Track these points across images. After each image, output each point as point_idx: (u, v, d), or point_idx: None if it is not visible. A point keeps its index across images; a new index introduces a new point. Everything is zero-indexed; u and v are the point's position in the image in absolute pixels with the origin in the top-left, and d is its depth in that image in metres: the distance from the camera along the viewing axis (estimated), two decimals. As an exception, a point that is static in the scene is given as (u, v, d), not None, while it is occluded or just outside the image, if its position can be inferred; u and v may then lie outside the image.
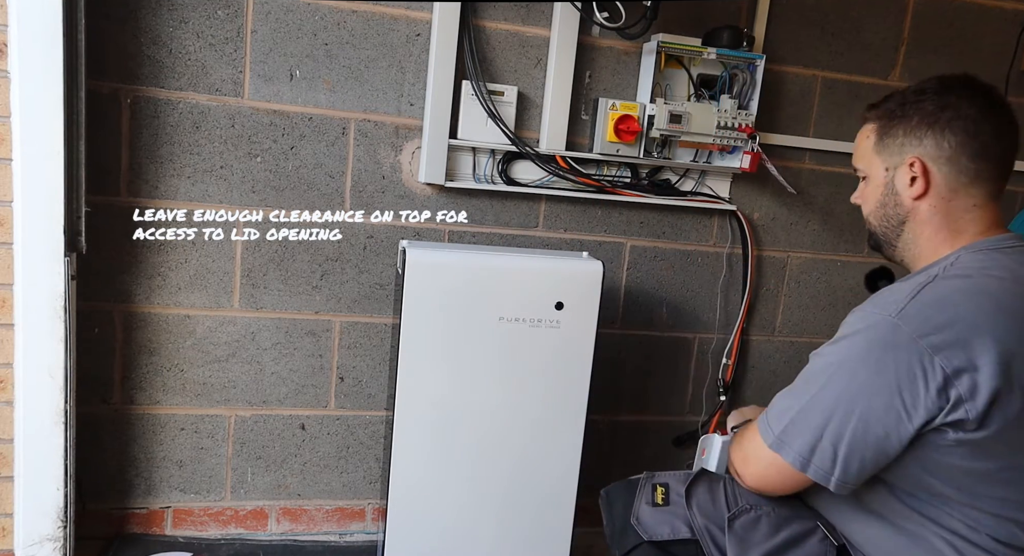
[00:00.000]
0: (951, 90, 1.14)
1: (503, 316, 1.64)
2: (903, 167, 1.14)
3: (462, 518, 1.71)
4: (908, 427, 1.01)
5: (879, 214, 1.19)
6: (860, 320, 1.08)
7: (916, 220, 1.15)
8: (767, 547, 1.17)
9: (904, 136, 1.14)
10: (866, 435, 1.03)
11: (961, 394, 0.99)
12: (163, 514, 1.90)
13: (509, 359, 1.66)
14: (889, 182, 1.17)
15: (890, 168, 1.17)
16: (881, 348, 1.02)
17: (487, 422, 1.69)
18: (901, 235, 1.18)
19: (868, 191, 1.21)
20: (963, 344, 1.00)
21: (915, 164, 1.13)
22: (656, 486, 1.29)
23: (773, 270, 2.19)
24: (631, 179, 2.00)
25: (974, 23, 2.17)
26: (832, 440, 1.05)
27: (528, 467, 1.72)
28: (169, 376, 1.84)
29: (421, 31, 1.82)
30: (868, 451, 1.04)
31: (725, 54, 1.89)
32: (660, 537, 1.24)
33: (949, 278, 1.07)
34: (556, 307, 1.63)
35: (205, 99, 1.74)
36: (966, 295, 1.04)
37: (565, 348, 1.68)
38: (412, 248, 1.62)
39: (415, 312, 1.61)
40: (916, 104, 1.14)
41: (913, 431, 1.01)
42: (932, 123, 1.12)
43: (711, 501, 1.24)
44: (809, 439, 1.07)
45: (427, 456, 1.67)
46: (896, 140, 1.15)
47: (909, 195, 1.14)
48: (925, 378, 1.00)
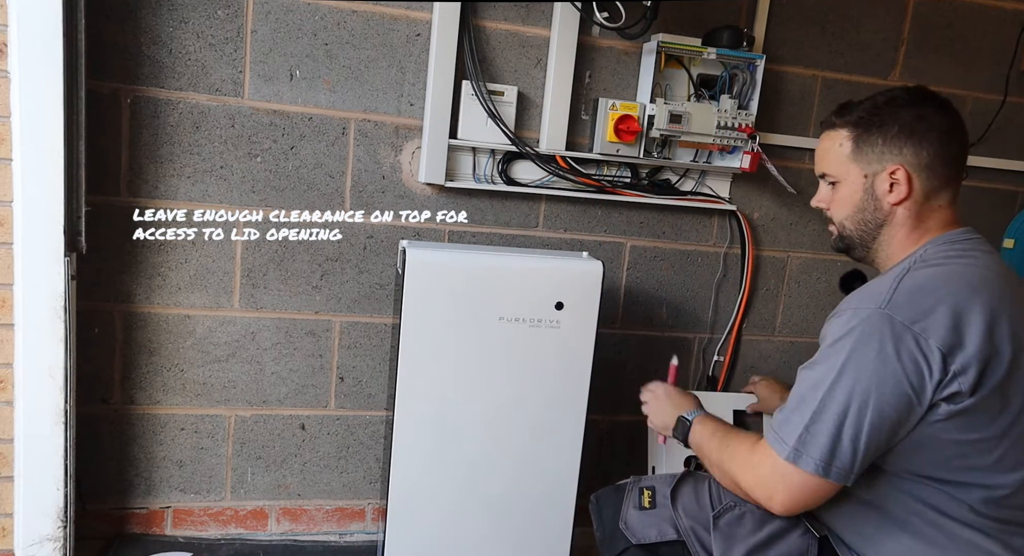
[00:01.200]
0: (924, 102, 1.21)
1: (503, 316, 1.63)
2: (883, 174, 1.20)
3: (462, 518, 1.71)
4: (919, 410, 1.06)
5: (857, 219, 1.24)
6: (850, 320, 1.11)
7: (892, 223, 1.22)
8: (751, 542, 1.19)
9: (884, 145, 1.20)
10: (882, 424, 1.06)
11: (956, 370, 1.05)
12: (163, 514, 1.90)
13: (509, 359, 1.66)
14: (868, 188, 1.22)
15: (869, 175, 1.22)
16: (880, 340, 1.06)
17: (487, 422, 1.68)
18: (877, 238, 1.24)
19: (841, 197, 1.26)
20: (950, 323, 1.06)
21: (897, 172, 1.18)
22: (643, 490, 1.33)
23: (773, 270, 2.19)
24: (631, 179, 2.00)
25: (974, 23, 2.17)
26: (852, 438, 1.07)
27: (528, 467, 1.72)
28: (169, 376, 1.84)
29: (421, 31, 1.82)
30: (883, 439, 1.08)
31: (725, 54, 1.89)
32: (648, 540, 1.28)
33: (921, 268, 1.14)
34: (556, 307, 1.63)
35: (205, 99, 1.74)
36: (942, 280, 1.11)
37: (565, 348, 1.68)
38: (412, 248, 1.62)
39: (415, 312, 1.61)
40: (892, 113, 1.20)
41: (923, 412, 1.06)
42: (911, 133, 1.18)
43: (696, 502, 1.27)
44: (829, 442, 1.08)
45: (427, 456, 1.67)
46: (875, 148, 1.20)
47: (889, 200, 1.20)
48: (927, 360, 1.05)
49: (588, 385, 1.70)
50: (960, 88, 2.20)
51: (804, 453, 1.08)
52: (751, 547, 1.19)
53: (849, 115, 1.24)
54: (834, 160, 1.26)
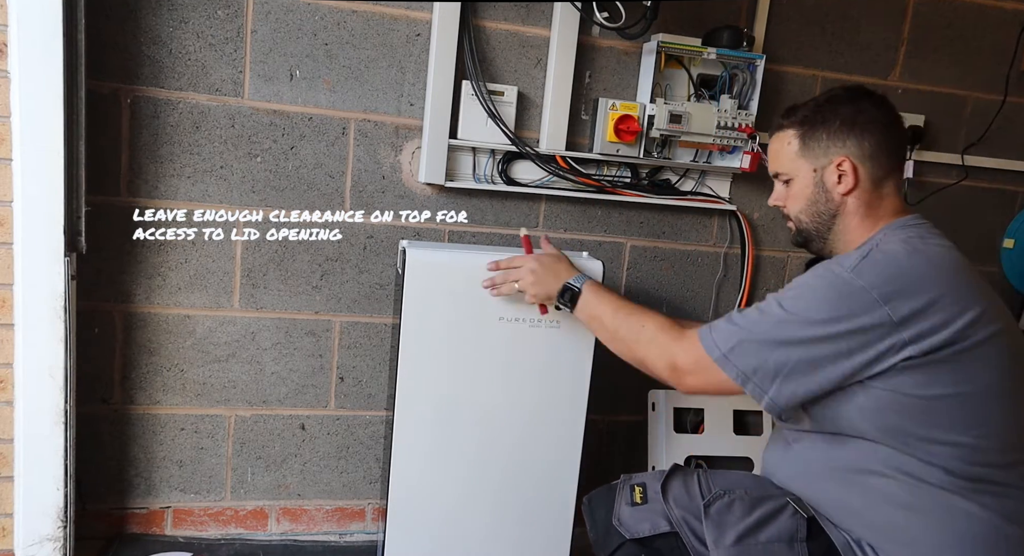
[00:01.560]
0: (861, 98, 1.29)
1: (503, 316, 1.63)
2: (831, 167, 1.29)
3: (462, 518, 1.71)
4: (846, 365, 1.14)
5: (811, 212, 1.32)
6: (816, 275, 1.20)
7: (845, 213, 1.30)
8: (742, 527, 1.22)
9: (828, 139, 1.28)
10: (809, 370, 1.15)
11: (909, 337, 1.11)
12: (163, 514, 1.90)
13: (509, 359, 1.66)
14: (819, 181, 1.30)
15: (818, 169, 1.30)
16: (837, 296, 1.15)
17: (487, 422, 1.68)
18: (832, 228, 1.32)
19: (794, 192, 1.34)
20: (911, 292, 1.13)
21: (843, 163, 1.27)
22: (634, 486, 1.35)
23: (773, 270, 2.19)
24: (631, 179, 2.00)
25: (974, 23, 2.17)
26: (776, 366, 1.17)
27: (528, 467, 1.71)
28: (169, 376, 1.84)
29: (421, 31, 1.82)
30: (809, 384, 1.16)
31: (725, 54, 1.89)
32: (641, 534, 1.30)
33: (884, 250, 1.20)
34: (556, 307, 1.63)
35: (205, 99, 1.74)
36: (906, 256, 1.18)
37: (565, 348, 1.67)
38: (412, 248, 1.62)
39: (415, 312, 1.60)
40: (833, 110, 1.29)
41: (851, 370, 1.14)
42: (852, 126, 1.27)
43: (686, 493, 1.29)
44: (753, 362, 1.18)
45: (427, 456, 1.67)
46: (820, 143, 1.29)
47: (839, 191, 1.29)
48: (875, 323, 1.12)
49: (588, 386, 1.70)
50: (960, 88, 2.20)
51: (731, 361, 1.20)
52: (742, 531, 1.21)
53: (794, 115, 1.33)
54: (784, 159, 1.34)
